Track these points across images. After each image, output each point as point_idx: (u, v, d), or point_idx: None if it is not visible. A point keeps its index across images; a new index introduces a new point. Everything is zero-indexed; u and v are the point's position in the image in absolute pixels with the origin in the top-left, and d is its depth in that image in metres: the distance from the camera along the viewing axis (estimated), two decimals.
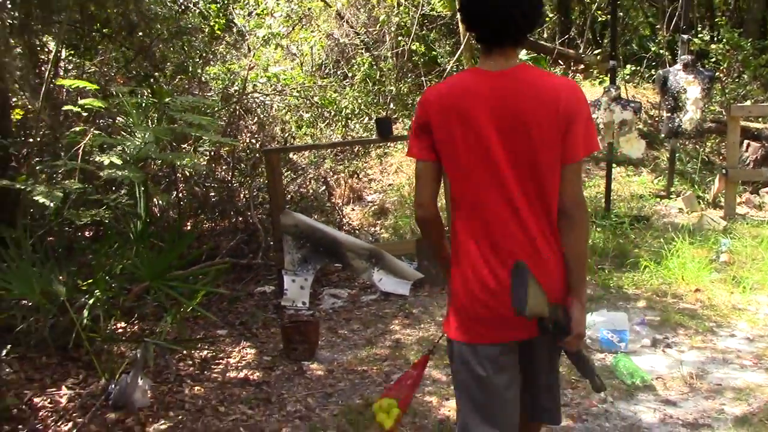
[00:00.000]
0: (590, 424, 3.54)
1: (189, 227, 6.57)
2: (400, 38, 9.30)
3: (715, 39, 9.57)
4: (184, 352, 4.42)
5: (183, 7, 6.86)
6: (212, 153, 7.25)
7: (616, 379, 3.94)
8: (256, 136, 7.81)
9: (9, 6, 4.99)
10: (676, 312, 4.83)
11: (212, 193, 7.02)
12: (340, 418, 3.65)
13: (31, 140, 4.92)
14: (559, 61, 11.17)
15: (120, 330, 4.67)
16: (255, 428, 3.56)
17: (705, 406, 3.66)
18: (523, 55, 12.17)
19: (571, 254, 2.25)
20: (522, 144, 2.18)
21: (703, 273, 5.40)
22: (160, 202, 5.64)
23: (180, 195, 6.71)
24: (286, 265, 5.34)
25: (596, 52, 11.00)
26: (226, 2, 8.26)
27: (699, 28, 10.65)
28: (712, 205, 7.40)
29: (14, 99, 5.36)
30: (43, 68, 5.47)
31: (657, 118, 8.93)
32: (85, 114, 5.10)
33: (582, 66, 11.03)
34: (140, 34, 6.25)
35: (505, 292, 2.14)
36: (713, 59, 9.27)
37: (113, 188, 5.12)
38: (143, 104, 4.98)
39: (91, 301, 3.73)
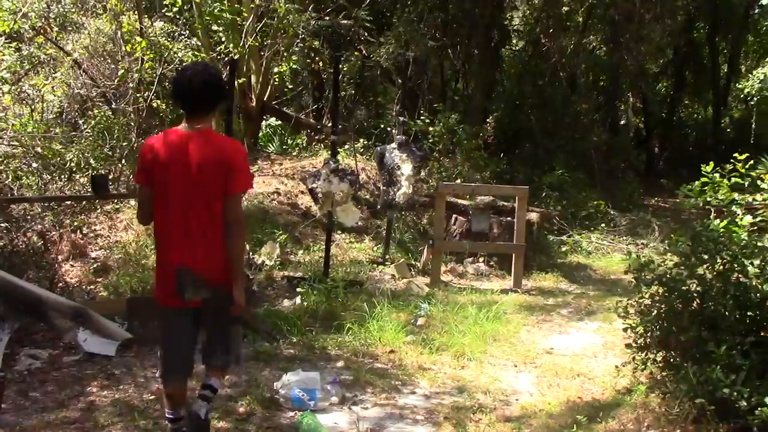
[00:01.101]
0: None
1: None
2: (139, 94, 9.22)
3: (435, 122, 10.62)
4: None
5: None
6: None
7: None
8: None
9: None
10: (368, 371, 5.23)
11: None
12: None
13: None
14: (302, 130, 11.76)
15: None
16: None
17: None
18: (272, 121, 12.68)
19: (232, 254, 3.56)
20: (198, 181, 3.46)
21: (400, 335, 5.91)
22: None
23: None
24: None
25: (341, 125, 11.71)
26: None
27: (422, 111, 11.74)
28: (422, 272, 8.13)
29: None
30: None
31: None
32: None
33: (324, 136, 11.67)
34: None
35: (174, 278, 3.49)
36: (430, 140, 10.25)
37: None
38: None
39: None
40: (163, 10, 10.50)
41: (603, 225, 10.74)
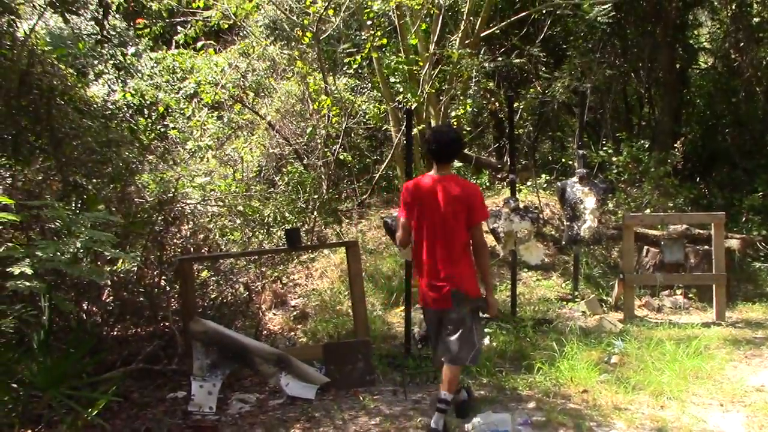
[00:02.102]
0: None
1: (114, 332, 6.77)
2: (326, 149, 9.79)
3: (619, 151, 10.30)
4: None
5: (113, 121, 7.25)
6: (143, 259, 7.48)
7: None
8: (184, 242, 8.07)
9: None
10: (561, 412, 5.12)
11: (141, 298, 7.20)
12: None
13: None
14: (484, 170, 11.85)
15: None
16: None
17: None
18: (454, 163, 12.90)
19: (481, 271, 4.75)
20: (448, 214, 4.61)
21: (592, 374, 5.73)
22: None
23: (107, 300, 6.90)
24: (194, 371, 5.54)
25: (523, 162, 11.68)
26: (156, 117, 8.73)
27: (604, 141, 11.41)
28: (614, 307, 7.85)
29: None
30: None
31: None
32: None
33: (505, 174, 11.67)
34: (68, 148, 6.59)
35: (436, 287, 4.67)
36: (615, 170, 9.94)
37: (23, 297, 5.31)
38: (75, 213, 5.25)
39: None
40: (344, 68, 11.13)
41: None
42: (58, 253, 4.36)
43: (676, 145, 10.37)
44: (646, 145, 10.94)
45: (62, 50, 7.66)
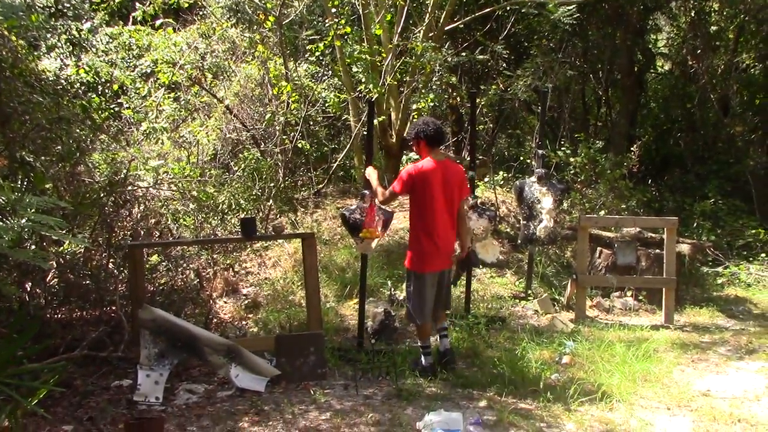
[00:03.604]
0: None
1: (58, 315, 6.57)
2: (285, 136, 9.64)
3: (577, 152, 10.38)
4: None
5: (65, 98, 7.01)
6: (91, 241, 7.26)
7: None
8: (135, 226, 7.86)
9: None
10: (512, 412, 5.12)
11: (87, 281, 6.98)
12: None
13: None
14: None
15: None
16: None
17: None
18: (412, 155, 12.85)
19: (460, 234, 5.98)
20: (448, 192, 5.70)
21: (544, 374, 5.76)
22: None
23: (52, 282, 6.69)
24: (141, 360, 5.40)
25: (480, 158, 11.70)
26: (110, 96, 8.48)
27: (562, 141, 11.49)
28: (566, 307, 7.90)
29: None
30: None
31: None
32: None
33: (463, 169, 11.67)
34: (16, 123, 6.35)
35: (437, 253, 5.80)
36: (572, 171, 10.01)
37: None
38: (21, 193, 5.04)
39: None
40: (306, 55, 10.97)
41: (763, 255, 10.00)
42: (3, 236, 4.19)
43: (632, 148, 10.50)
44: (601, 146, 11.06)
45: (13, 21, 7.35)
